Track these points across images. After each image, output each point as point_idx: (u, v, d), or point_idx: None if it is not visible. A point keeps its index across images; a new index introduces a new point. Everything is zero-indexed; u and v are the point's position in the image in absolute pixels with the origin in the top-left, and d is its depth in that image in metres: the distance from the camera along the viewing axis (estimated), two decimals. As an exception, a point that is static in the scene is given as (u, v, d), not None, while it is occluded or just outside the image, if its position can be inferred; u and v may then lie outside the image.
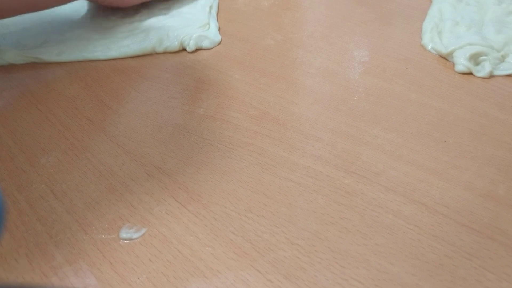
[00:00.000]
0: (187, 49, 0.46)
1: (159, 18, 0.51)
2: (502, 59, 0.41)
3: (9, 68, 0.45)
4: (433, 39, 0.44)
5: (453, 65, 0.41)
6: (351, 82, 0.40)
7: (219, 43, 0.48)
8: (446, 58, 0.42)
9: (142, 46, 0.46)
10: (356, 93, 0.39)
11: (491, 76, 0.40)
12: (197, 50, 0.47)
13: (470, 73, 0.40)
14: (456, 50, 0.41)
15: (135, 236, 0.28)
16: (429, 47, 0.43)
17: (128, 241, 0.28)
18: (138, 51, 0.46)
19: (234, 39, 0.48)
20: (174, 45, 0.46)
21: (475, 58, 0.40)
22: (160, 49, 0.46)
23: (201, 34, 0.47)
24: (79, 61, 0.46)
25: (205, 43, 0.47)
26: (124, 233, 0.28)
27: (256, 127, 0.36)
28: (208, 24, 0.50)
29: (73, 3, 0.55)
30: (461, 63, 0.40)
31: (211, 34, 0.48)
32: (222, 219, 0.29)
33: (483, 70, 0.40)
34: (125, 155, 0.34)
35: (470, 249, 0.26)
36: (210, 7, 0.53)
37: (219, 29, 0.50)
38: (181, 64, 0.45)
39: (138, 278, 0.25)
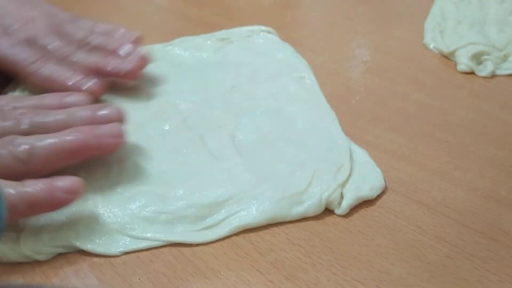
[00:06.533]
0: (337, 211, 0.29)
1: None
2: (505, 58, 0.40)
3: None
4: (435, 38, 0.43)
5: (455, 64, 0.41)
6: (353, 81, 0.40)
7: (385, 187, 0.30)
8: (448, 57, 0.42)
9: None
10: (358, 93, 0.38)
11: (493, 76, 0.39)
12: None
13: (472, 73, 0.40)
14: (458, 49, 0.41)
15: (136, 236, 0.28)
16: (431, 46, 0.43)
17: (129, 241, 0.28)
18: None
19: (235, 38, 0.48)
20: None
21: (477, 58, 0.40)
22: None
23: (355, 185, 0.29)
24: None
25: (365, 192, 0.29)
26: (125, 233, 0.28)
27: (257, 127, 0.36)
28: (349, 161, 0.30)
29: None
30: (463, 62, 0.40)
31: (369, 175, 0.30)
32: (223, 219, 0.29)
33: (485, 69, 0.40)
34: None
35: (472, 250, 0.26)
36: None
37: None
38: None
39: (139, 279, 0.25)
